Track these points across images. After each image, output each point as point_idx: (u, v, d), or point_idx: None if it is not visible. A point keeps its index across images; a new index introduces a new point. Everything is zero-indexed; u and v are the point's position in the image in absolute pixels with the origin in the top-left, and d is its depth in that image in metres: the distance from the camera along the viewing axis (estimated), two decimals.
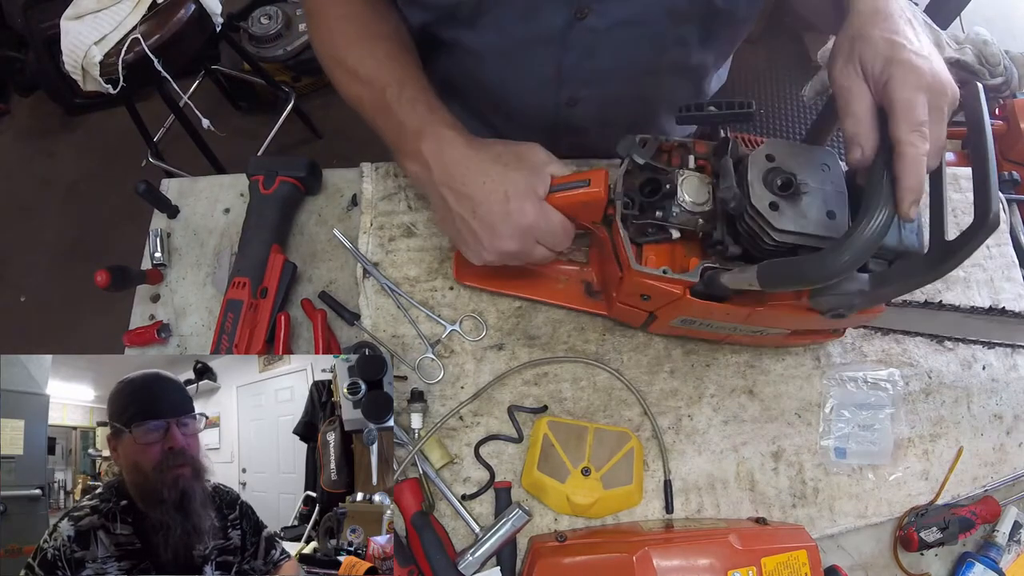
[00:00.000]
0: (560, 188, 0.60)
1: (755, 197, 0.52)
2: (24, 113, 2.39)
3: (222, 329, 0.68)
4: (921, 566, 0.67)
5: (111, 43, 1.48)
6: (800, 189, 0.53)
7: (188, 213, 0.80)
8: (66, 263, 2.05)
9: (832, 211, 0.53)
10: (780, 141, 0.55)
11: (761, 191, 0.53)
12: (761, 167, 0.54)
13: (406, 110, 0.62)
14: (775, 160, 0.54)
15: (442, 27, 0.71)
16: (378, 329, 0.72)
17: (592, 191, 0.59)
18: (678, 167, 0.59)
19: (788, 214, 0.52)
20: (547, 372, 0.71)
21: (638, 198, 0.59)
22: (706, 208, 0.57)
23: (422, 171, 0.61)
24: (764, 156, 0.54)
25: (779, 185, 0.53)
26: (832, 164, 0.55)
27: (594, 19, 0.64)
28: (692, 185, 0.58)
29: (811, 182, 0.53)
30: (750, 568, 0.56)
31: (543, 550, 0.58)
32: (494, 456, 0.68)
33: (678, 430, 0.69)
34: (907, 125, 0.46)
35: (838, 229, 0.52)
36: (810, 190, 0.53)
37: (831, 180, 0.54)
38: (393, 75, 0.64)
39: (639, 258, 0.60)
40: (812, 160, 0.55)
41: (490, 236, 0.59)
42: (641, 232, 0.60)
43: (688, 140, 0.61)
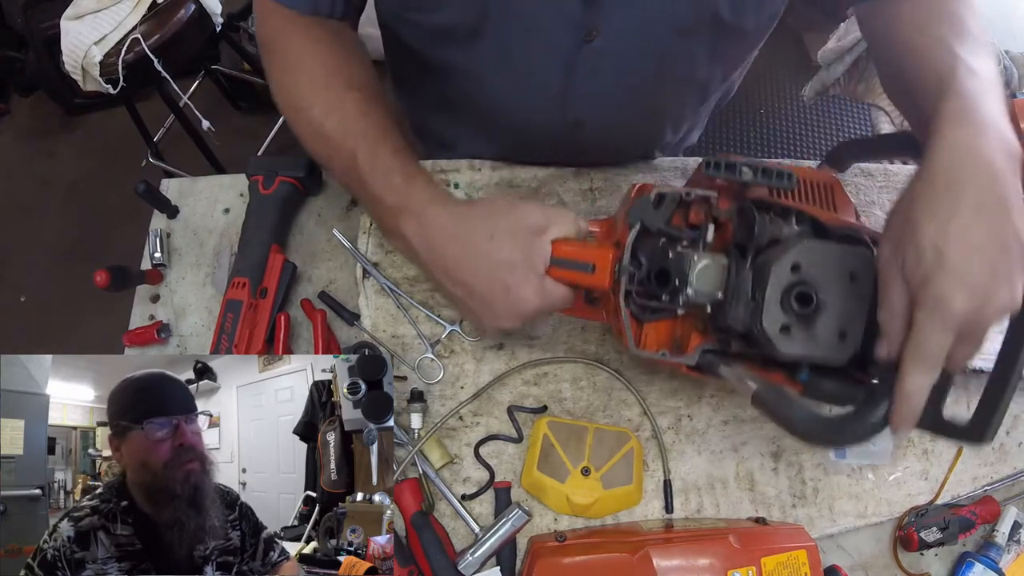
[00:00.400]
0: (562, 265, 0.56)
1: (768, 319, 0.49)
2: (24, 113, 2.39)
3: (222, 329, 0.68)
4: (921, 566, 0.68)
5: (111, 43, 1.48)
6: (819, 308, 0.49)
7: (188, 213, 0.80)
8: (66, 263, 2.05)
9: (845, 331, 0.49)
10: (813, 244, 0.49)
11: (776, 313, 0.49)
12: (783, 282, 0.49)
13: (380, 183, 0.57)
14: (800, 270, 0.49)
15: (438, 48, 0.68)
16: (378, 329, 0.72)
17: (596, 279, 0.55)
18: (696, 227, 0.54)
19: (797, 338, 0.49)
20: (547, 372, 0.71)
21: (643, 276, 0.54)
22: (716, 296, 0.52)
23: (407, 250, 0.58)
24: (790, 266, 0.49)
25: (796, 302, 0.48)
26: (863, 273, 0.49)
27: (601, 40, 0.60)
28: (705, 275, 0.52)
29: (832, 299, 0.49)
30: (750, 568, 0.56)
31: (543, 550, 0.58)
32: (494, 456, 0.68)
33: (678, 430, 0.69)
34: (916, 360, 0.42)
35: (845, 351, 0.49)
36: (828, 308, 0.49)
37: (856, 296, 0.49)
38: (364, 136, 0.58)
39: (639, 338, 0.56)
40: (843, 267, 0.49)
41: (491, 318, 0.56)
42: (644, 308, 0.55)
43: (712, 195, 0.53)
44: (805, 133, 2.17)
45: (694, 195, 0.53)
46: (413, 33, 0.68)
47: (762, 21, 0.67)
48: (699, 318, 0.55)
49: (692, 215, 0.54)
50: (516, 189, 0.79)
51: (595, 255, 0.55)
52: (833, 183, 0.58)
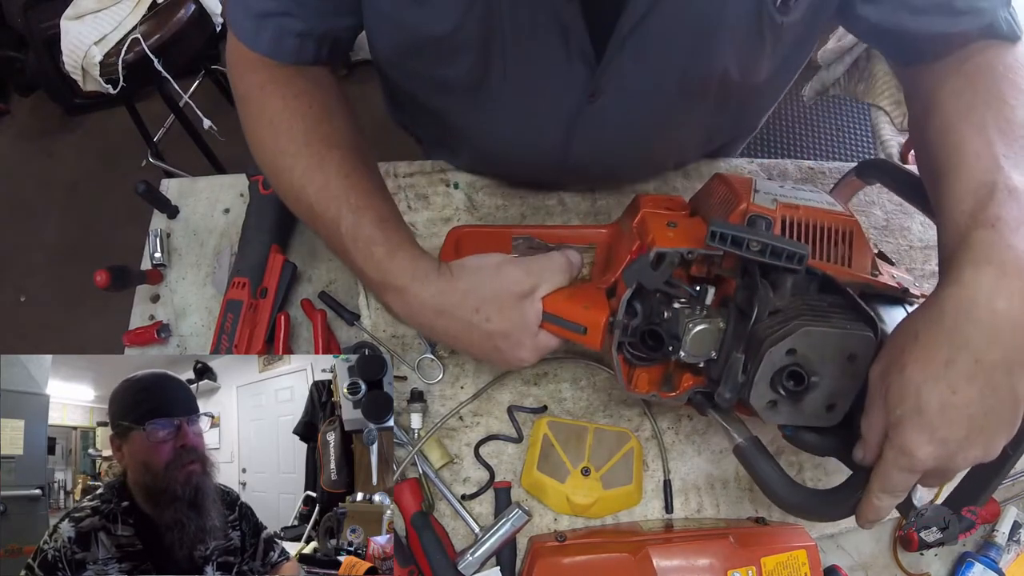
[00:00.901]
0: (555, 322, 0.55)
1: (755, 396, 0.48)
2: (24, 113, 2.39)
3: (222, 329, 0.68)
4: (921, 566, 0.67)
5: (111, 43, 1.48)
6: (809, 387, 0.48)
7: (188, 213, 0.80)
8: (66, 263, 2.05)
9: (833, 404, 0.49)
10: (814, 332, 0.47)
11: (764, 390, 0.48)
12: (775, 364, 0.47)
13: (363, 255, 0.55)
14: (796, 354, 0.47)
15: (438, 96, 0.67)
16: (378, 329, 0.72)
17: (588, 341, 0.54)
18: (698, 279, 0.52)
19: (783, 411, 0.49)
20: (547, 372, 0.71)
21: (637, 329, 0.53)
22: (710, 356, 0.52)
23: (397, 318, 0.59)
24: (785, 352, 0.47)
25: (787, 381, 0.48)
26: (862, 355, 0.47)
27: (605, 99, 0.60)
28: (699, 340, 0.51)
29: (826, 378, 0.48)
30: (750, 568, 0.56)
31: (543, 550, 0.58)
32: (494, 456, 0.68)
33: (678, 430, 0.69)
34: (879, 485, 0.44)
35: (830, 420, 0.49)
36: (820, 386, 0.48)
37: (850, 374, 0.48)
38: (347, 202, 0.55)
39: (630, 377, 0.56)
40: (841, 352, 0.48)
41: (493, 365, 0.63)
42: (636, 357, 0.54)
43: (716, 254, 0.51)
44: (805, 133, 2.17)
45: (696, 254, 0.51)
46: (413, 81, 0.67)
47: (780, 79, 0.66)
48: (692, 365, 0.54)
49: (694, 270, 0.53)
50: (516, 189, 0.79)
51: (588, 318, 0.54)
52: (852, 228, 0.54)
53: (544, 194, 0.79)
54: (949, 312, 0.41)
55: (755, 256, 0.46)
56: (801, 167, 0.85)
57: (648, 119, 0.64)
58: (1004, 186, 0.44)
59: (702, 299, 0.52)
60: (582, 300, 0.55)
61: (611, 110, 0.61)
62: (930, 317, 0.42)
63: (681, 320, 0.51)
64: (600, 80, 0.57)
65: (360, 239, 0.55)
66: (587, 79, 0.57)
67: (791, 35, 0.58)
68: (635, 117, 0.63)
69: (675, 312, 0.52)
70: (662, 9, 0.51)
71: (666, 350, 0.52)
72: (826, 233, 0.53)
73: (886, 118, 1.34)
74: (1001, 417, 0.41)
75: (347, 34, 0.63)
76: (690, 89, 0.60)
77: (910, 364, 0.41)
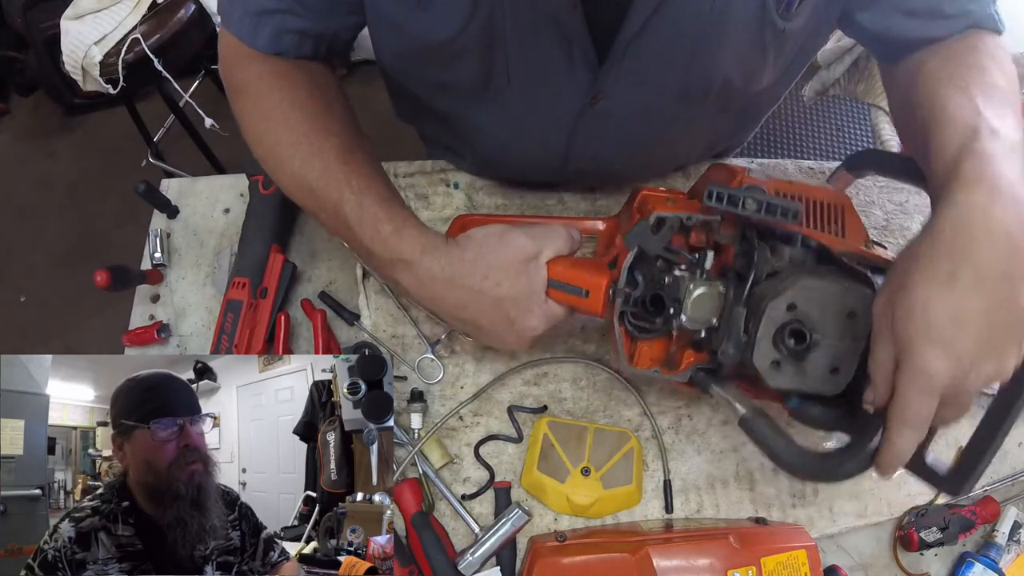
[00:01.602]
0: (558, 287, 0.56)
1: (757, 354, 0.49)
2: (24, 113, 2.39)
3: (222, 329, 0.68)
4: (921, 566, 0.67)
5: (111, 43, 1.48)
6: (812, 346, 0.48)
7: (188, 213, 0.80)
8: (66, 263, 2.05)
9: (838, 368, 0.49)
10: (811, 283, 0.48)
11: (767, 350, 0.49)
12: (776, 321, 0.48)
13: (371, 236, 0.55)
14: (796, 309, 0.48)
15: (442, 98, 0.67)
16: (378, 329, 0.72)
17: (590, 304, 0.55)
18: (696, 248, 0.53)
19: (787, 372, 0.49)
20: (547, 372, 0.71)
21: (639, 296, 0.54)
22: (711, 324, 0.52)
23: (406, 294, 0.58)
24: (786, 306, 0.48)
25: (789, 339, 0.48)
26: (862, 311, 0.48)
27: (606, 103, 0.60)
28: (701, 303, 0.52)
29: (827, 338, 0.48)
30: (750, 568, 0.56)
31: (543, 550, 0.58)
32: (494, 456, 0.68)
33: (678, 430, 0.69)
34: (898, 419, 0.42)
35: (836, 385, 0.49)
36: (822, 346, 0.48)
37: (851, 333, 0.49)
38: (348, 186, 0.56)
39: (632, 356, 0.56)
40: (841, 307, 0.49)
41: (502, 344, 0.60)
42: (638, 327, 0.55)
43: (714, 220, 0.52)
44: (805, 133, 2.17)
45: (695, 220, 0.52)
46: (416, 83, 0.67)
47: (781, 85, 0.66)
48: (691, 338, 0.55)
49: (692, 238, 0.54)
50: (516, 189, 0.79)
51: (589, 281, 0.55)
52: (844, 203, 0.56)
53: (544, 194, 0.79)
54: (947, 231, 0.42)
55: (751, 214, 0.47)
56: (801, 167, 0.85)
57: (649, 123, 0.64)
58: (987, 128, 0.46)
59: (701, 264, 0.53)
60: (584, 266, 0.56)
61: (613, 113, 0.62)
62: (929, 240, 0.42)
63: (682, 285, 0.52)
64: (602, 84, 0.58)
65: (366, 220, 0.55)
66: (589, 83, 0.58)
67: (793, 41, 0.58)
68: (637, 121, 0.63)
69: (676, 279, 0.53)
70: (665, 14, 0.51)
71: (668, 314, 0.52)
72: (819, 206, 0.55)
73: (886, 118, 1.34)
74: (1009, 329, 0.41)
75: (347, 33, 0.63)
76: (692, 95, 0.60)
77: (914, 283, 0.41)
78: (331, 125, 0.59)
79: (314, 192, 0.57)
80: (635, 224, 0.53)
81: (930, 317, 0.40)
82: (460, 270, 0.55)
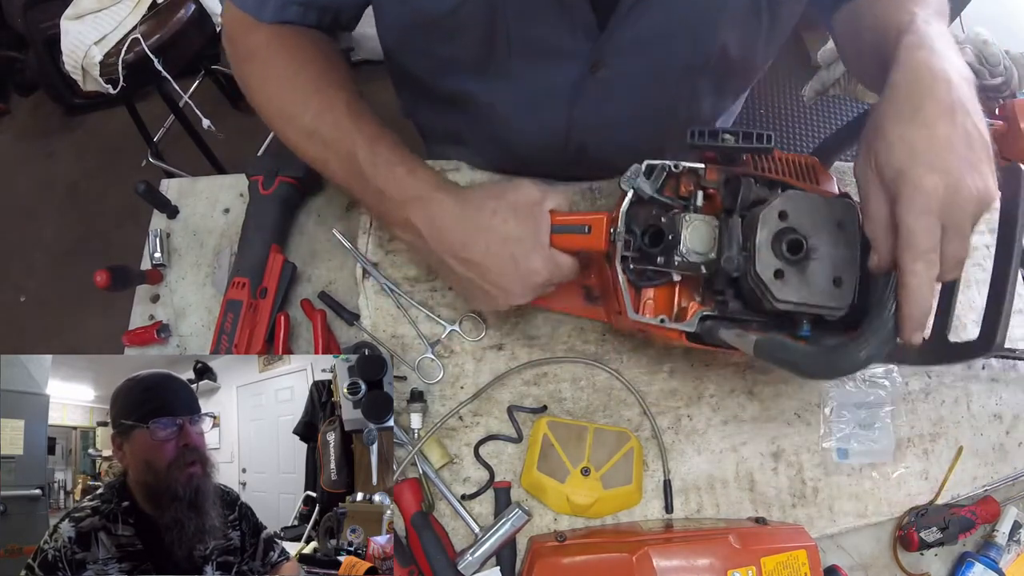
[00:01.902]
0: (561, 230, 0.58)
1: (760, 264, 0.50)
2: (24, 113, 2.39)
3: (222, 329, 0.68)
4: (921, 566, 0.68)
5: (111, 43, 1.48)
6: (810, 254, 0.51)
7: (188, 213, 0.80)
8: (66, 263, 2.05)
9: (840, 278, 0.51)
10: (797, 194, 0.52)
11: (768, 258, 0.51)
12: (772, 228, 0.51)
13: (384, 177, 0.58)
14: (788, 218, 0.51)
15: (445, 77, 0.69)
16: (378, 329, 0.72)
17: (592, 240, 0.57)
18: (685, 202, 0.56)
19: (792, 283, 0.50)
20: (547, 372, 0.71)
21: (639, 243, 0.56)
22: (710, 256, 0.54)
23: (415, 239, 0.59)
24: (777, 214, 0.51)
25: (787, 248, 0.50)
26: (849, 222, 0.52)
27: (607, 72, 0.62)
28: (697, 233, 0.54)
29: (822, 246, 0.51)
30: (750, 568, 0.56)
31: (543, 550, 0.58)
32: (494, 456, 0.68)
33: (677, 430, 0.69)
34: (910, 253, 0.43)
35: (843, 298, 0.51)
36: (820, 255, 0.51)
37: (844, 242, 0.52)
38: (360, 134, 0.58)
39: (636, 303, 0.58)
40: (829, 217, 0.52)
41: (504, 295, 0.58)
42: (641, 274, 0.57)
43: (700, 167, 0.56)
44: (805, 133, 2.17)
45: (683, 167, 0.56)
46: (420, 62, 0.68)
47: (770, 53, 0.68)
48: (695, 287, 0.57)
49: (682, 188, 0.57)
50: None
51: (590, 219, 0.57)
52: (814, 163, 0.61)
53: None
54: (902, 82, 0.47)
55: (730, 144, 0.51)
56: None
57: (648, 95, 0.66)
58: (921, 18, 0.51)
59: (693, 202, 0.56)
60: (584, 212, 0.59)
61: (613, 84, 0.63)
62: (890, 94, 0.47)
63: (677, 220, 0.54)
64: (602, 52, 0.59)
65: (379, 163, 0.57)
66: (589, 50, 0.59)
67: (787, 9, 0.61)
68: (636, 92, 0.65)
69: (671, 218, 0.55)
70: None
71: (667, 243, 0.54)
72: (792, 162, 0.60)
73: None
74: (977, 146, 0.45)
75: (351, 11, 0.65)
76: (690, 64, 0.62)
77: (888, 128, 0.46)
78: (338, 82, 0.62)
79: (327, 143, 0.59)
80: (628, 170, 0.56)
81: (910, 145, 0.44)
82: (471, 206, 0.57)
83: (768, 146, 0.51)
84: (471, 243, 0.56)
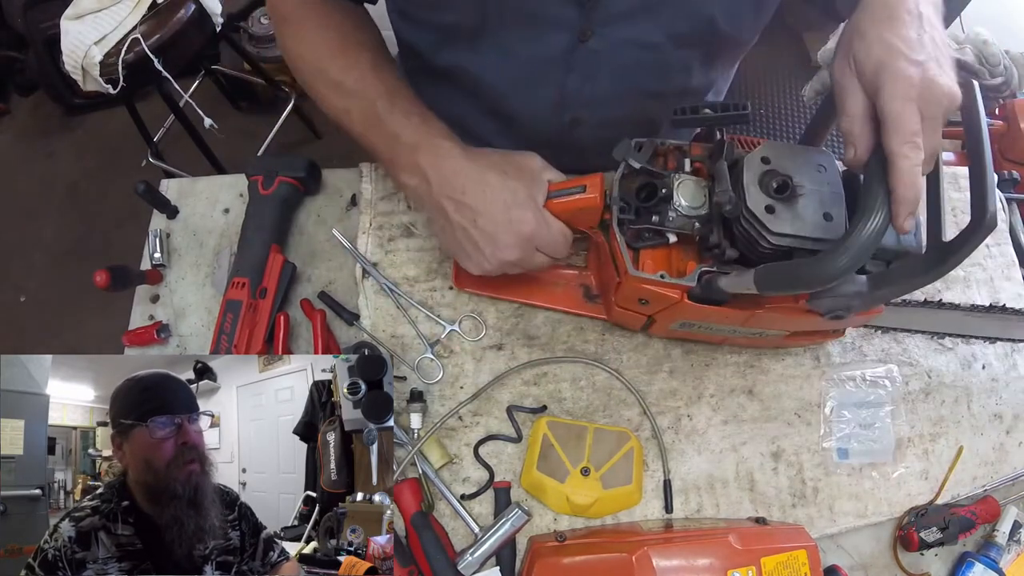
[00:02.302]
0: (557, 195, 0.60)
1: (751, 201, 0.52)
2: (24, 113, 2.39)
3: (221, 329, 0.68)
4: (921, 566, 0.68)
5: (111, 43, 1.48)
6: (796, 191, 0.53)
7: (187, 213, 0.80)
8: (66, 263, 2.05)
9: (829, 213, 0.53)
10: (776, 143, 0.55)
11: (757, 195, 0.53)
12: (757, 170, 0.54)
13: (400, 122, 0.62)
14: (771, 163, 0.54)
15: (442, 49, 0.71)
16: (377, 329, 0.72)
17: (588, 197, 0.59)
18: (674, 171, 0.60)
19: (784, 217, 0.52)
20: (546, 372, 0.71)
21: (634, 203, 0.59)
22: (702, 212, 0.57)
23: (420, 183, 0.61)
24: (759, 159, 0.54)
25: (775, 188, 0.53)
26: (828, 165, 0.55)
27: (596, 42, 0.64)
28: (688, 189, 0.58)
29: (807, 184, 0.53)
30: (750, 568, 0.56)
31: (542, 550, 0.58)
32: (493, 456, 0.68)
33: (677, 430, 0.69)
34: (899, 137, 0.46)
35: (835, 231, 0.52)
36: (806, 192, 0.53)
37: (827, 181, 0.54)
38: (382, 86, 0.63)
39: (636, 263, 0.59)
40: (808, 162, 0.55)
41: (491, 246, 0.59)
42: (638, 237, 0.60)
43: (684, 144, 0.61)
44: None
45: (669, 144, 0.61)
46: (419, 34, 0.71)
47: (757, 27, 0.69)
48: (691, 249, 0.60)
49: (669, 164, 0.61)
50: None
51: (586, 180, 0.60)
52: None
53: None
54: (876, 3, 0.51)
55: (710, 114, 0.55)
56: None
57: (638, 67, 0.68)
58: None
59: (681, 168, 0.60)
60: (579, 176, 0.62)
61: (602, 55, 0.65)
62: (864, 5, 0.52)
63: (670, 181, 0.58)
64: (591, 20, 0.62)
65: (396, 111, 0.62)
66: (577, 17, 0.62)
67: None
68: (625, 64, 0.67)
69: (663, 179, 0.59)
70: None
71: (660, 198, 0.58)
72: None
73: None
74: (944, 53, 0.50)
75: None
76: (678, 34, 0.64)
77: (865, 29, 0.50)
78: (364, 41, 0.67)
79: (350, 93, 0.64)
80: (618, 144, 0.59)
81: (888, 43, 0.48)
82: (477, 158, 0.61)
83: (744, 112, 0.55)
84: (470, 187, 0.59)
